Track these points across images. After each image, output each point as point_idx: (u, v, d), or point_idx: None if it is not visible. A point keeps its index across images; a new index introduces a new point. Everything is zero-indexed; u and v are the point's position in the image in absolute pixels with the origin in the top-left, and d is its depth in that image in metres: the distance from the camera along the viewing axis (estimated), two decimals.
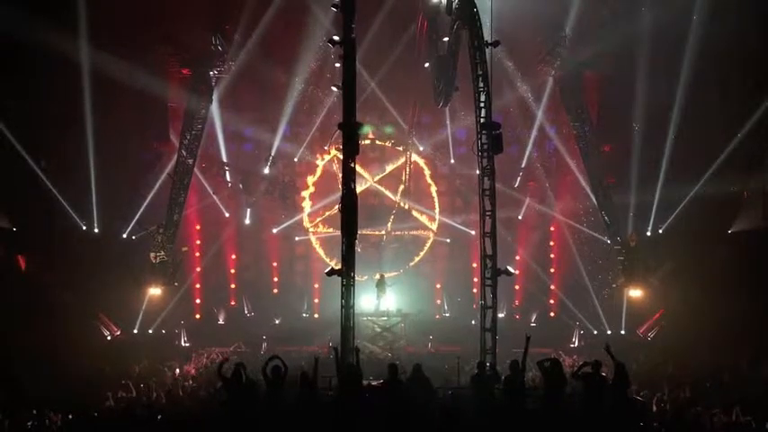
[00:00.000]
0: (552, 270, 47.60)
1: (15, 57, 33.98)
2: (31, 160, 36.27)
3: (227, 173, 45.48)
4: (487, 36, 27.35)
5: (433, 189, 47.84)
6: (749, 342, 33.53)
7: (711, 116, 37.67)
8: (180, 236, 41.06)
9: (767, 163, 37.25)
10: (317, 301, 47.42)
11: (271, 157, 45.73)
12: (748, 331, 33.81)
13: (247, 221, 47.25)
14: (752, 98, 36.38)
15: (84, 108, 37.25)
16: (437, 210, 47.82)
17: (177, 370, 35.24)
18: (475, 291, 43.63)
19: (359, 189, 26.91)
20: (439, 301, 48.12)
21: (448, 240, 48.26)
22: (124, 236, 41.60)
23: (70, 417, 23.46)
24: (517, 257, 46.02)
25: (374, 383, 21.90)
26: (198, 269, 45.44)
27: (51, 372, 29.75)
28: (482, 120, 26.67)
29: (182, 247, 42.65)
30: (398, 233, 47.77)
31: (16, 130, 35.39)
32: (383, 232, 47.24)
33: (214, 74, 40.62)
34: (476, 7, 27.26)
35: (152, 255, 39.04)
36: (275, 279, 48.33)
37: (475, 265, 42.35)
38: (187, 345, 42.00)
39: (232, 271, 47.76)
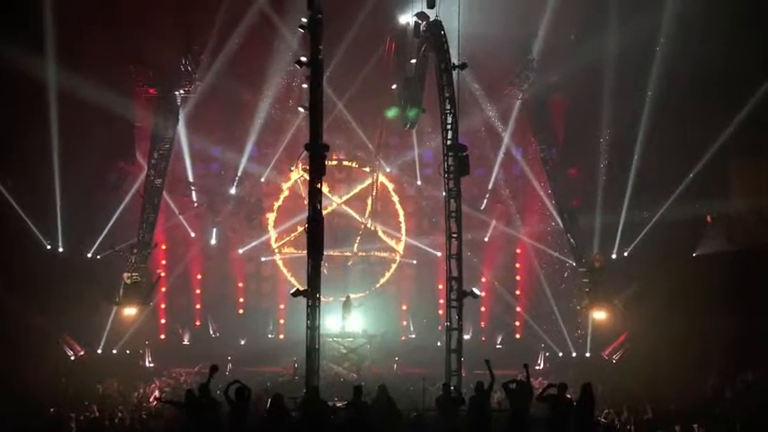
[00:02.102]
0: (518, 292, 47.65)
1: None
2: None
3: (194, 193, 45.36)
4: (455, 58, 27.53)
5: (400, 210, 47.78)
6: (713, 365, 33.76)
7: (676, 139, 37.95)
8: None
9: (730, 187, 37.58)
10: (282, 321, 47.21)
11: (237, 178, 45.70)
12: (712, 354, 34.01)
13: (213, 242, 47.03)
14: (716, 122, 36.70)
15: (49, 126, 37.04)
16: (403, 231, 47.76)
17: (141, 390, 35.06)
18: (441, 312, 43.57)
19: (325, 210, 26.95)
20: (405, 323, 47.91)
21: (414, 262, 48.15)
22: (89, 255, 41.36)
23: None
24: (483, 279, 45.95)
25: (339, 405, 21.88)
26: (163, 289, 44.97)
27: (13, 392, 29.49)
28: (448, 142, 26.84)
29: (156, 269, 42.72)
30: (364, 254, 47.71)
31: None
32: (349, 253, 47.17)
33: (180, 93, 40.45)
34: (443, 30, 27.48)
35: (125, 275, 38.80)
36: (241, 299, 48.08)
37: (441, 286, 42.42)
38: (152, 365, 41.77)
39: (197, 291, 47.42)
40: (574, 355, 43.10)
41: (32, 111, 36.81)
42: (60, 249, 39.95)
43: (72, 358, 39.66)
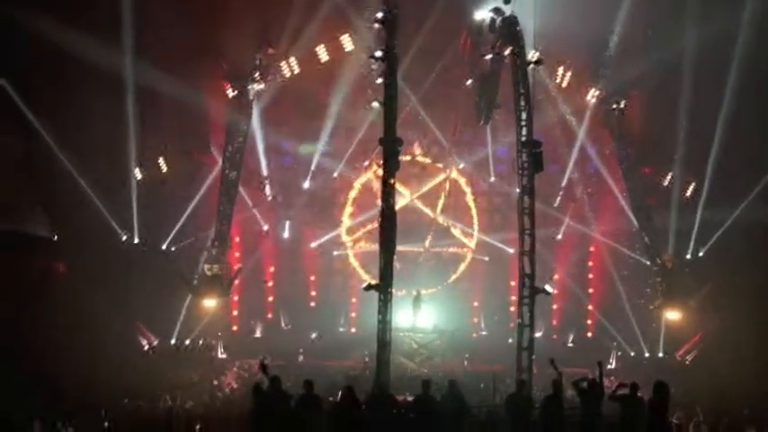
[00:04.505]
0: (590, 290, 47.44)
1: (59, 68, 34.36)
2: (73, 170, 36.60)
3: (267, 186, 45.57)
4: (530, 54, 27.36)
5: (473, 206, 47.62)
6: None
7: (755, 139, 37.38)
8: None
9: None
10: (353, 315, 47.43)
11: (311, 172, 45.83)
12: None
13: (286, 235, 47.36)
14: None
15: (126, 119, 37.58)
16: (476, 227, 47.60)
17: (215, 381, 35.40)
18: (512, 309, 43.14)
19: (398, 205, 26.93)
20: (476, 319, 47.98)
21: (486, 258, 47.99)
22: (164, 246, 41.83)
23: (106, 424, 23.56)
24: (555, 277, 45.52)
25: (409, 399, 21.88)
26: (236, 281, 45.26)
27: (88, 380, 29.95)
28: (523, 138, 26.63)
29: (235, 264, 43.21)
30: (436, 250, 47.62)
31: (59, 140, 35.76)
32: (421, 249, 47.09)
33: (254, 88, 40.66)
34: (519, 26, 27.27)
35: (206, 267, 39.27)
36: (312, 293, 48.37)
37: (513, 283, 41.95)
38: (224, 356, 42.14)
39: (270, 284, 47.80)
40: (647, 354, 42.75)
41: (109, 104, 37.32)
42: (136, 241, 40.48)
43: (145, 348, 40.20)
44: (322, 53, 41.47)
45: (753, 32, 35.74)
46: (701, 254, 40.85)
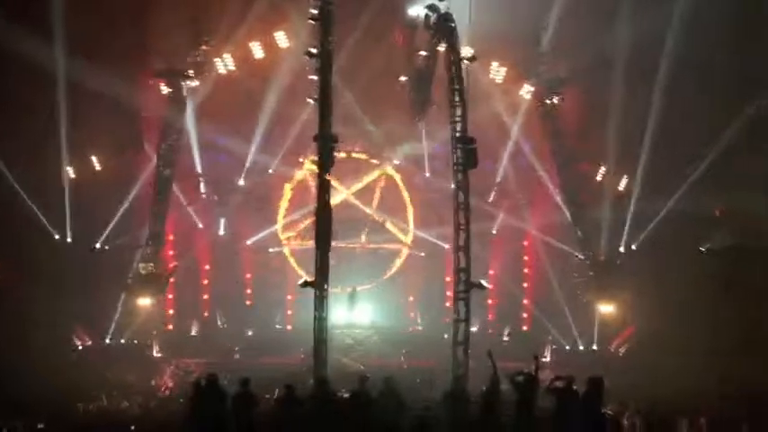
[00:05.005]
0: (525, 285, 47.71)
1: None
2: (3, 168, 36.15)
3: (202, 183, 45.26)
4: (465, 51, 27.47)
5: (408, 202, 47.69)
6: (720, 360, 33.67)
7: (686, 133, 37.87)
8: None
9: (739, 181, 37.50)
10: (290, 312, 47.21)
11: (245, 169, 45.57)
12: (719, 349, 33.96)
13: (221, 233, 47.01)
14: (726, 115, 36.69)
15: (58, 117, 37.13)
16: (411, 223, 47.69)
17: (153, 381, 35.15)
18: (448, 304, 43.34)
19: (333, 201, 26.88)
20: (412, 315, 48.01)
21: (422, 254, 48.04)
22: (98, 245, 41.40)
23: (40, 426, 23.29)
24: (491, 272, 45.68)
25: (345, 396, 21.88)
26: (171, 279, 44.89)
27: (21, 380, 29.55)
28: (457, 134, 26.71)
29: (170, 262, 42.90)
30: (372, 245, 47.63)
31: None
32: (357, 245, 47.07)
33: (189, 85, 40.37)
34: (454, 22, 27.33)
35: (141, 266, 39.10)
36: (248, 291, 48.08)
37: (448, 278, 42.22)
38: (159, 355, 41.83)
39: (205, 282, 47.46)
40: (581, 347, 43.14)
41: (40, 101, 36.89)
42: (69, 240, 40.06)
43: (80, 347, 39.82)
44: (257, 49, 41.35)
45: (682, 29, 36.17)
46: (633, 247, 41.33)
